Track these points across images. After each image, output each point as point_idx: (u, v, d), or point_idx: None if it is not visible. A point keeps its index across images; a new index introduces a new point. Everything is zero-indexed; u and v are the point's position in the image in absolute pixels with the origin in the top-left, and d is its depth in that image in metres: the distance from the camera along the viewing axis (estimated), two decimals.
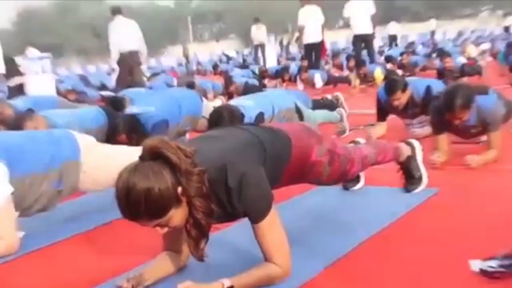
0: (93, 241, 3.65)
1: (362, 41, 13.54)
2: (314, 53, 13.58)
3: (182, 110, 6.04)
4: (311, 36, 13.19)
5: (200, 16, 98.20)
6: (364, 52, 14.04)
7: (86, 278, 2.95)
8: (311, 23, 13.14)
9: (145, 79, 16.22)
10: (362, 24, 13.18)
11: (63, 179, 3.71)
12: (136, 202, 2.24)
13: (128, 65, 11.61)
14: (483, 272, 2.55)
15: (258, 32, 20.82)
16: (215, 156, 2.50)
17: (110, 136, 5.68)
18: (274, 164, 2.67)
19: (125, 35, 11.45)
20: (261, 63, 20.11)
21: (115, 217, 3.61)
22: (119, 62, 11.66)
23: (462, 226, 3.28)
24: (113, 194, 2.33)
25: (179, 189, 2.31)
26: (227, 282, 2.44)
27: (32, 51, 15.75)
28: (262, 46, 21.01)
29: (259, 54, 21.21)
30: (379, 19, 13.68)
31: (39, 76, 13.21)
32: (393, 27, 29.95)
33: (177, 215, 2.37)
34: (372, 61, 13.67)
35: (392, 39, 28.94)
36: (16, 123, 5.73)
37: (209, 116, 5.34)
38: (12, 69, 11.58)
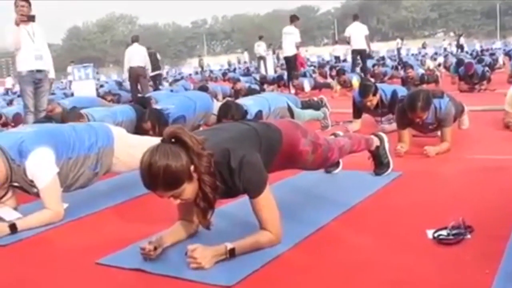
0: (122, 212, 3.63)
1: (358, 54, 13.83)
2: (290, 64, 13.41)
3: (196, 107, 6.04)
4: (286, 50, 13.08)
5: (213, 34, 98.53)
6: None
7: (116, 242, 2.93)
8: (287, 41, 13.02)
9: (166, 84, 16.39)
10: (358, 42, 13.53)
11: (99, 163, 3.69)
12: (156, 175, 2.25)
13: (136, 75, 12.31)
14: (436, 239, 2.54)
15: (259, 48, 20.80)
16: (220, 143, 2.50)
17: (138, 128, 5.67)
18: (267, 151, 2.66)
19: (136, 55, 12.34)
20: (263, 71, 19.98)
21: (140, 194, 3.67)
22: (130, 73, 12.50)
23: (420, 202, 3.26)
24: (138, 176, 2.34)
25: (192, 167, 2.33)
26: (229, 245, 2.44)
27: None
28: (263, 58, 20.93)
29: (262, 64, 21.11)
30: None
31: (83, 81, 13.23)
32: (375, 45, 30.46)
33: (189, 189, 2.37)
34: (364, 69, 13.98)
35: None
36: (63, 118, 5.73)
37: (219, 107, 5.33)
38: None
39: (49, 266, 2.76)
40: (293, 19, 13.19)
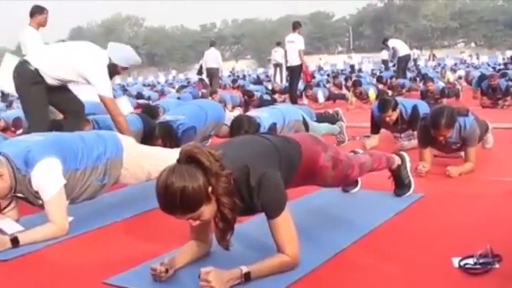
0: (130, 228, 3.62)
1: (405, 61, 15.92)
2: (293, 73, 13.19)
3: (207, 117, 6.01)
4: (290, 60, 12.99)
5: (222, 38, 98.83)
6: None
7: (124, 260, 2.93)
8: (290, 50, 12.92)
9: (173, 90, 16.74)
10: (403, 48, 15.65)
11: (107, 174, 3.68)
12: (173, 198, 2.25)
13: (209, 75, 15.65)
14: (462, 269, 2.52)
15: (276, 54, 20.69)
16: (239, 159, 2.50)
17: (145, 139, 5.65)
18: (287, 167, 2.66)
19: (211, 58, 15.53)
20: (278, 80, 19.85)
21: (149, 208, 3.64)
22: (208, 73, 15.80)
23: (444, 227, 3.24)
24: (148, 188, 2.34)
25: (210, 189, 2.31)
26: (244, 268, 2.43)
27: None
28: (280, 65, 20.81)
29: (278, 72, 20.98)
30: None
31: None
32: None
33: (207, 210, 2.36)
34: (405, 75, 15.76)
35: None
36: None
37: (231, 123, 5.32)
38: None
39: (52, 285, 2.76)
40: (296, 26, 13.04)
